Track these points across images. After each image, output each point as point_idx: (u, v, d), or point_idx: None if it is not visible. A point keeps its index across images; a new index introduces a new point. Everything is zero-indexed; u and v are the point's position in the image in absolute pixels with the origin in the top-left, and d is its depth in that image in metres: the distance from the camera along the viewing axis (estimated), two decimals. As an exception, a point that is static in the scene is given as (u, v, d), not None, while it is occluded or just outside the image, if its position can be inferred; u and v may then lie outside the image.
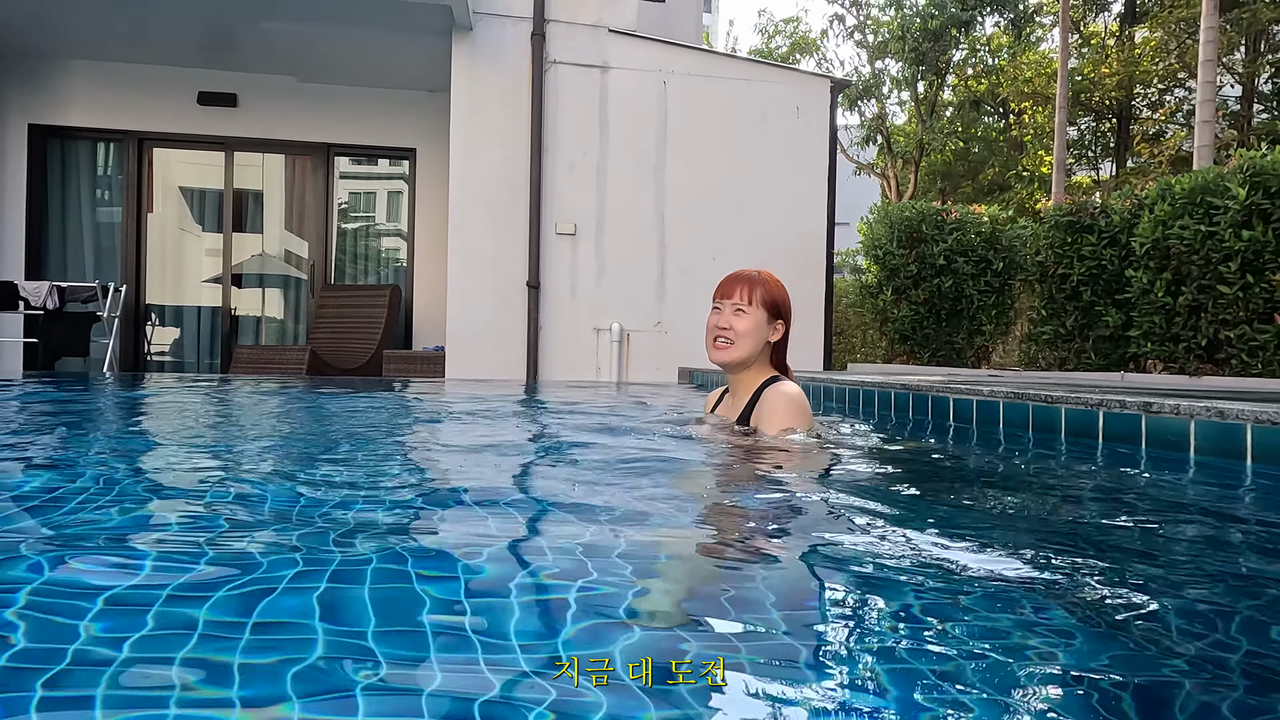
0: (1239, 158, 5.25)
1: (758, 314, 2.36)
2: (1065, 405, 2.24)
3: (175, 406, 3.91)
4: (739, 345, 2.36)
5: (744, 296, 2.37)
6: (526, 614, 0.86)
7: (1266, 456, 1.64)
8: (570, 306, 7.41)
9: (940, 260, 7.71)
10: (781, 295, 2.42)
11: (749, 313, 2.36)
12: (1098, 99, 17.84)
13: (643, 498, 1.60)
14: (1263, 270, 5.05)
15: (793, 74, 8.21)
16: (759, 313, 2.37)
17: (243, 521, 1.34)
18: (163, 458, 2.22)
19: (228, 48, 7.86)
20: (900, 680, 0.71)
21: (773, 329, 2.41)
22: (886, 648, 0.81)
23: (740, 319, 2.36)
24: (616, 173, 7.49)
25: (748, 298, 2.36)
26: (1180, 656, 0.80)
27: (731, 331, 2.36)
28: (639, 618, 0.86)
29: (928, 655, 0.78)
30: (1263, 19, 14.11)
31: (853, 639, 0.84)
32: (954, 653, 0.78)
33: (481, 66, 7.27)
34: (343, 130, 8.76)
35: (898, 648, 0.81)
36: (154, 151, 8.69)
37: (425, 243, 8.93)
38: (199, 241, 9.07)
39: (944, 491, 1.84)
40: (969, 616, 0.91)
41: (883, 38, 21.74)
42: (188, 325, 8.95)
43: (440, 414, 3.81)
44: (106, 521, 1.31)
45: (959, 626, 0.87)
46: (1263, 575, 1.15)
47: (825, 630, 0.87)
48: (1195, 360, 5.75)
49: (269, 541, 1.18)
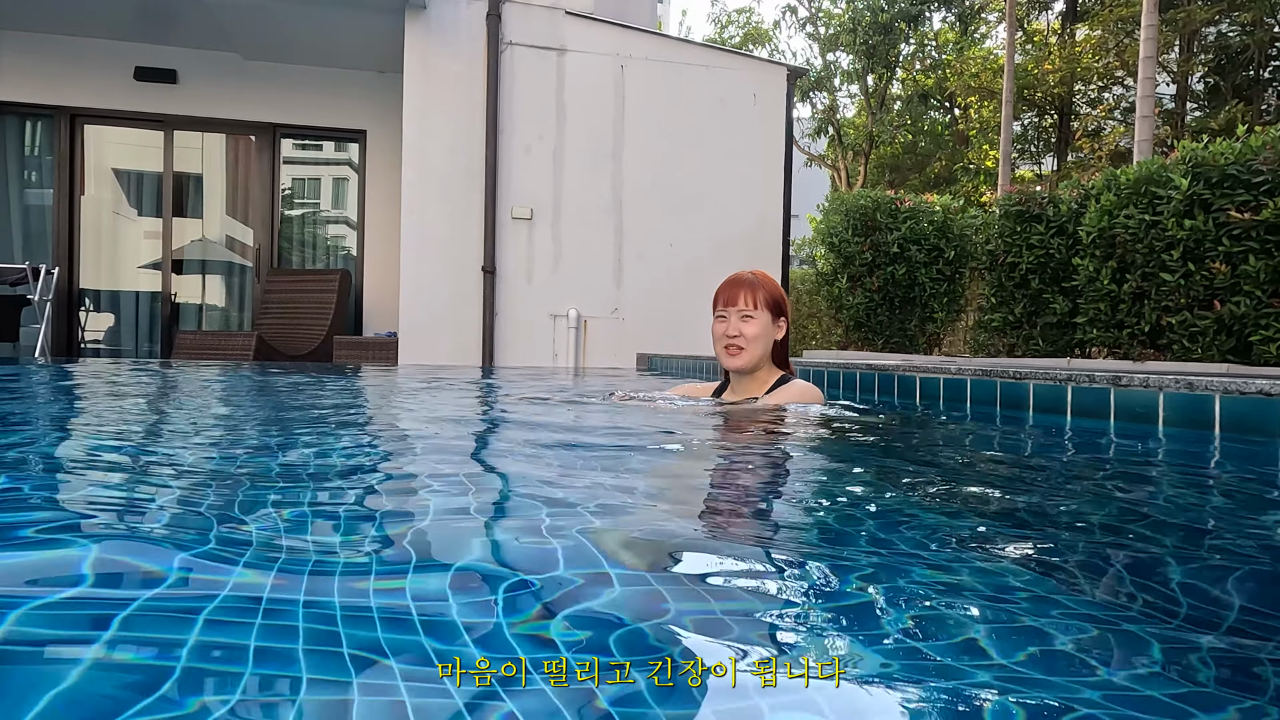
0: (1181, 149, 5.40)
1: (764, 316, 2.41)
2: (1037, 381, 2.27)
3: (109, 392, 3.74)
4: (750, 350, 2.40)
5: (749, 302, 2.40)
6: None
7: (1235, 426, 1.68)
8: (526, 292, 7.31)
9: (894, 248, 7.81)
10: (780, 293, 2.48)
11: (756, 317, 2.40)
12: (1040, 95, 18.29)
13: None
14: (1203, 259, 5.21)
15: (750, 61, 8.22)
16: (764, 315, 2.42)
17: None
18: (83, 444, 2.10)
19: (167, 21, 7.54)
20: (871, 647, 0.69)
21: (777, 327, 2.47)
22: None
23: (748, 324, 2.40)
24: (574, 157, 7.41)
25: (752, 302, 2.40)
26: (1138, 606, 0.80)
27: (742, 338, 2.40)
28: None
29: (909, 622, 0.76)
30: (1197, 19, 14.62)
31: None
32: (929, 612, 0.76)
33: (435, 47, 7.11)
34: (289, 110, 8.49)
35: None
36: (87, 129, 8.31)
37: (376, 227, 8.72)
38: (136, 225, 8.71)
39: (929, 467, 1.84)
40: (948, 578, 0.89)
41: (834, 30, 21.96)
42: (125, 311, 8.60)
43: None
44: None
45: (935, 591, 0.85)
46: (1231, 533, 1.17)
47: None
48: (1139, 346, 5.93)
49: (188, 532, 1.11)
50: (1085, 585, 0.88)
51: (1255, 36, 14.67)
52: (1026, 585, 0.86)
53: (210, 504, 1.18)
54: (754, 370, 2.47)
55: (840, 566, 0.90)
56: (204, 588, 0.75)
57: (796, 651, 0.65)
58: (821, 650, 0.66)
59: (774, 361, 2.51)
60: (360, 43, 7.84)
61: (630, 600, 0.74)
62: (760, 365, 2.46)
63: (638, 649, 0.63)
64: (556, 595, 0.75)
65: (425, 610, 0.70)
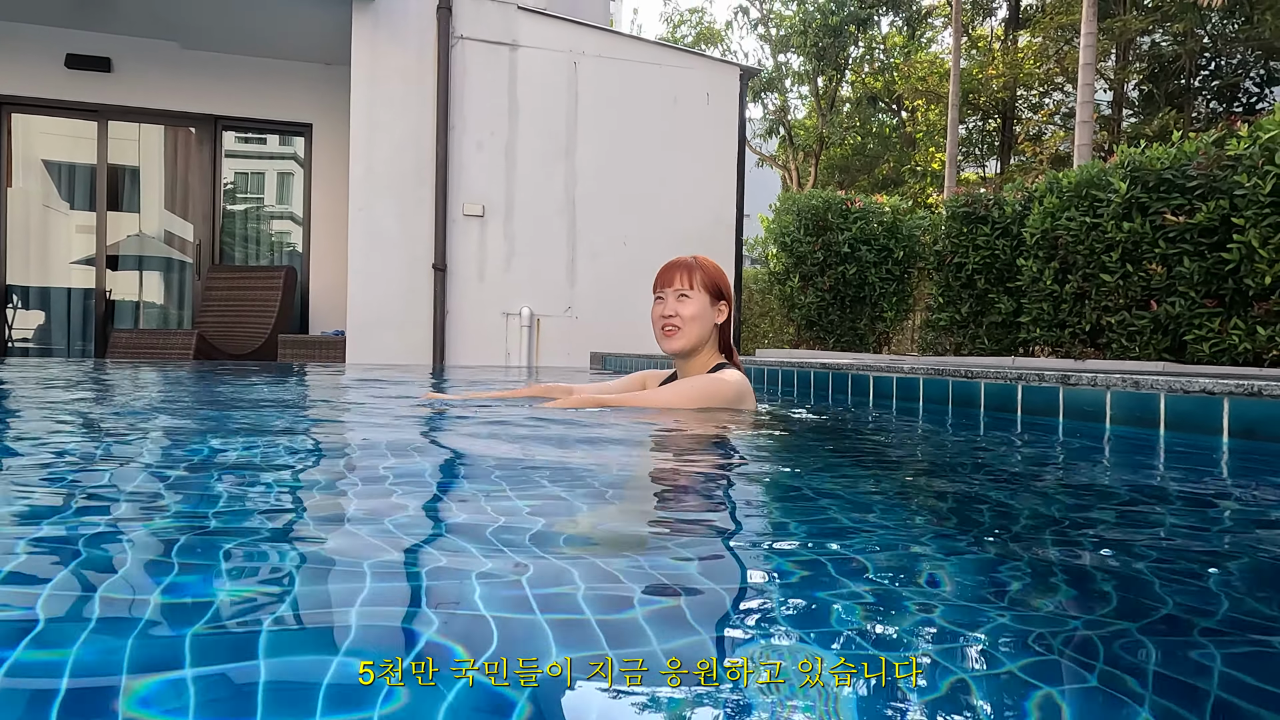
0: (1121, 154, 5.57)
1: (701, 297, 2.38)
2: (985, 380, 2.30)
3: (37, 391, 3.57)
4: (687, 330, 2.37)
5: (684, 282, 2.38)
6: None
7: (1179, 424, 1.72)
8: (478, 290, 7.22)
9: (845, 248, 7.91)
10: (721, 277, 2.44)
11: (692, 297, 2.37)
12: (984, 99, 18.74)
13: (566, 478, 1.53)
14: (1140, 260, 5.38)
15: (703, 60, 8.23)
16: (702, 296, 2.38)
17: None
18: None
19: (101, 6, 7.24)
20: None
21: (717, 310, 2.42)
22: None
23: (685, 304, 2.37)
24: (526, 154, 7.34)
25: (688, 283, 2.38)
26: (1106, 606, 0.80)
27: (678, 318, 2.37)
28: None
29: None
30: (1132, 29, 15.12)
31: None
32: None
33: (384, 39, 6.97)
34: (232, 102, 8.24)
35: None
36: (14, 118, 7.95)
37: (323, 223, 8.52)
38: (67, 220, 8.37)
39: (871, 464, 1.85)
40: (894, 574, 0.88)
41: (785, 32, 22.18)
42: (55, 308, 8.26)
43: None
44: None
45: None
46: (1182, 527, 1.19)
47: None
48: (1080, 345, 6.10)
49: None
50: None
51: (1186, 46, 15.24)
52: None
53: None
54: (693, 353, 2.42)
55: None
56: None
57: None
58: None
59: (720, 348, 2.48)
60: (306, 33, 7.64)
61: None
62: (699, 348, 2.41)
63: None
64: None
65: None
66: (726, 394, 2.32)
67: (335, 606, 0.73)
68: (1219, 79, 15.90)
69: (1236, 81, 15.71)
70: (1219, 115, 15.50)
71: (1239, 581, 0.92)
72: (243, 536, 0.97)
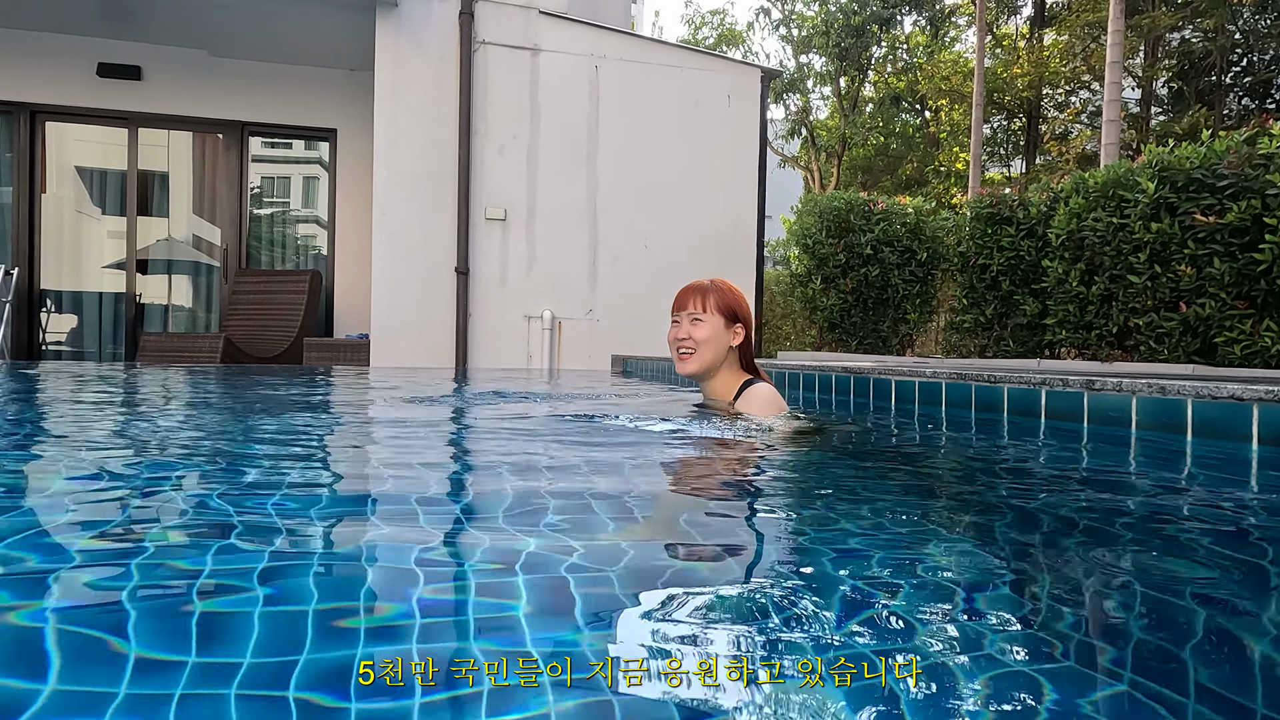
0: (1148, 153, 5.48)
1: (715, 320, 2.40)
2: (1013, 385, 2.28)
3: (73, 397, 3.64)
4: (701, 353, 2.39)
5: (698, 305, 2.40)
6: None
7: (1206, 430, 1.70)
8: (500, 293, 7.26)
9: (867, 250, 7.85)
10: (736, 299, 2.46)
11: (705, 320, 2.39)
12: (1009, 99, 18.54)
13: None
14: (1169, 261, 5.30)
15: (724, 62, 8.22)
16: (716, 319, 2.40)
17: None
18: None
19: (131, 16, 7.38)
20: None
21: (733, 333, 2.43)
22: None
23: (698, 328, 2.39)
24: (548, 158, 7.37)
25: (702, 305, 2.40)
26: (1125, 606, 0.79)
27: (691, 341, 2.40)
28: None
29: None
30: (1161, 25, 14.89)
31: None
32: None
33: (407, 45, 7.03)
34: (258, 108, 8.36)
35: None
36: (48, 126, 8.12)
37: (347, 227, 8.61)
38: (99, 225, 8.53)
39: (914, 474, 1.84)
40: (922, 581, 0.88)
41: (807, 33, 22.09)
42: (88, 312, 8.41)
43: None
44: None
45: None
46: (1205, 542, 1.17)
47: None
48: (1106, 347, 6.01)
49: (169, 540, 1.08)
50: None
51: (1217, 43, 14.98)
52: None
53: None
54: (708, 374, 2.45)
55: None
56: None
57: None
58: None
59: (744, 367, 2.49)
60: (330, 40, 7.73)
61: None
62: (713, 370, 2.44)
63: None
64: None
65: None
66: (783, 405, 2.41)
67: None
68: (1251, 75, 15.61)
69: (1269, 78, 15.42)
70: (1251, 113, 15.22)
71: (1265, 595, 0.91)
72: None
